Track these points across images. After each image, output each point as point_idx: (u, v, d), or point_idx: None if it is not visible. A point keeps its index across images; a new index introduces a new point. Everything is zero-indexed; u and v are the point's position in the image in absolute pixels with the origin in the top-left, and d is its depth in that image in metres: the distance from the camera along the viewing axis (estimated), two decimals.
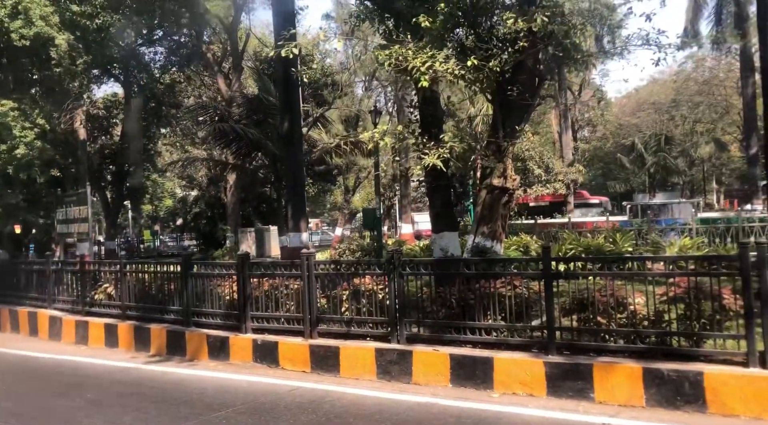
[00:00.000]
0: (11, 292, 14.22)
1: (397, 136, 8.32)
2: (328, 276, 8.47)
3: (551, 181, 34.73)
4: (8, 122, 12.88)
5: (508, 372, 6.58)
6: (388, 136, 8.14)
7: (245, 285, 9.14)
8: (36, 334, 12.75)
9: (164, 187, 46.72)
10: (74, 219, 13.55)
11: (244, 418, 6.28)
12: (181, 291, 10.10)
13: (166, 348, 9.95)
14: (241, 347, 8.92)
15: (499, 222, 8.33)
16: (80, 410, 6.98)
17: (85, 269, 12.18)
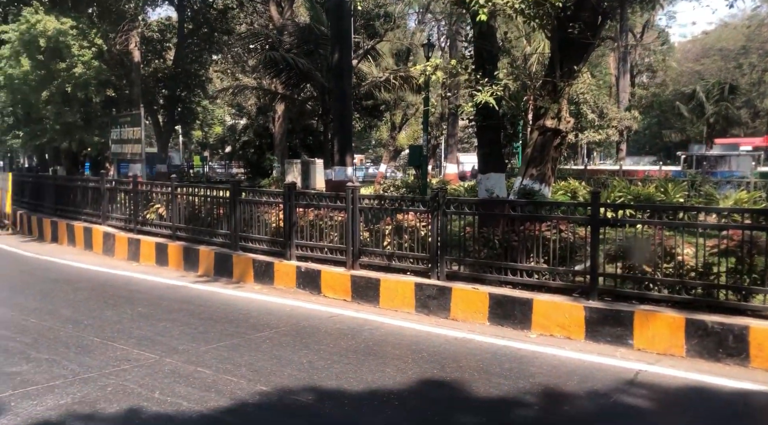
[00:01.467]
0: (68, 208, 14.82)
1: (450, 71, 8.13)
2: (372, 210, 8.53)
3: (604, 126, 33.78)
4: (67, 41, 13.08)
5: (547, 315, 6.61)
6: (440, 71, 7.98)
7: (291, 214, 9.30)
8: (91, 248, 13.33)
9: (214, 114, 47.23)
10: (128, 140, 13.87)
11: (287, 339, 6.51)
12: (229, 216, 10.35)
13: (214, 269, 10.29)
14: (285, 273, 9.16)
15: (549, 165, 8.18)
16: (131, 321, 7.34)
17: (138, 189, 12.55)
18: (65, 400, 4.75)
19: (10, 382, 5.15)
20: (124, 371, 5.46)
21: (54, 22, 12.86)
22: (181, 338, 6.58)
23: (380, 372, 5.39)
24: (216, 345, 6.28)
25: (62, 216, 14.99)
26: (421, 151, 17.82)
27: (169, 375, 5.36)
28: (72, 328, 6.96)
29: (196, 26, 29.48)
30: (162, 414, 4.52)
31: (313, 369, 5.49)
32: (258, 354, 5.99)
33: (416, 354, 5.93)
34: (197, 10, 29.63)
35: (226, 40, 32.34)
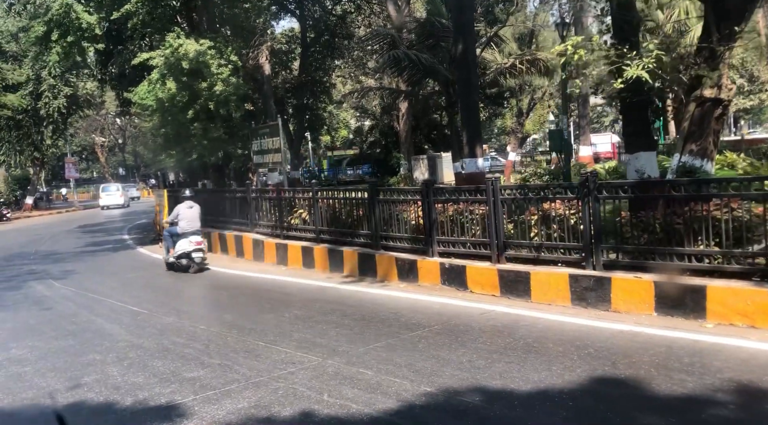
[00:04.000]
0: (219, 218, 15.77)
1: (591, 48, 7.65)
2: (515, 201, 8.26)
3: (755, 91, 30.85)
4: (207, 60, 13.92)
5: (724, 302, 6.03)
6: (581, 49, 7.54)
7: (431, 211, 9.23)
8: (242, 255, 14.10)
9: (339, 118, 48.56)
10: (268, 150, 14.52)
11: (441, 338, 6.44)
12: (369, 217, 10.49)
13: (358, 269, 10.48)
14: (429, 270, 9.11)
15: (710, 138, 7.47)
16: (289, 324, 7.61)
17: (282, 196, 13.08)
18: (242, 404, 4.97)
19: (191, 387, 5.48)
20: (291, 374, 5.63)
21: (194, 44, 13.74)
22: (339, 339, 6.71)
23: (546, 371, 5.16)
24: (373, 346, 6.33)
25: (213, 226, 15.98)
26: (562, 135, 17.12)
27: (333, 377, 5.46)
28: (237, 333, 7.33)
29: (318, 34, 30.40)
30: (334, 417, 4.59)
31: (475, 369, 5.36)
32: (415, 353, 5.96)
33: (582, 351, 5.62)
34: (318, 18, 30.55)
35: (347, 44, 33.11)
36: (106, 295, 10.66)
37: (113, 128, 72.75)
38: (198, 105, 14.72)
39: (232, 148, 15.63)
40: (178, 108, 14.79)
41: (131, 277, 12.82)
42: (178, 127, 15.10)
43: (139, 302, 9.78)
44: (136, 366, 6.31)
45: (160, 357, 6.53)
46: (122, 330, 8.03)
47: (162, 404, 5.16)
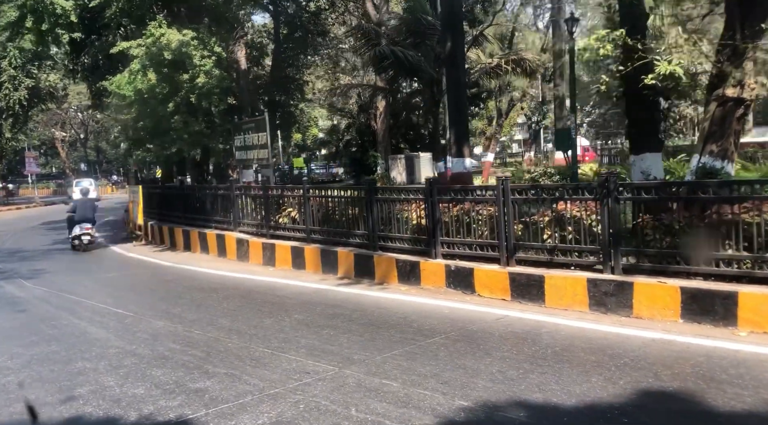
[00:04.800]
0: (199, 216, 15.17)
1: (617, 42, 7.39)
2: (527, 201, 7.97)
3: None
4: (190, 51, 13.33)
5: (757, 309, 5.82)
6: (609, 44, 7.28)
7: (434, 210, 8.90)
8: (224, 255, 13.54)
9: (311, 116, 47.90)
10: (253, 146, 13.99)
11: (461, 346, 6.09)
12: (366, 216, 10.10)
13: (354, 271, 10.07)
14: (433, 272, 8.77)
15: (731, 139, 7.30)
16: (292, 329, 7.17)
17: (269, 194, 12.58)
18: (262, 420, 4.54)
19: (200, 400, 5.02)
20: (308, 385, 5.22)
21: (176, 34, 13.13)
22: (351, 346, 6.30)
23: (587, 383, 4.85)
24: (390, 354, 5.95)
25: (192, 224, 15.38)
26: (569, 134, 16.94)
27: (356, 389, 5.06)
28: (237, 339, 6.86)
29: (291, 30, 29.83)
30: None
31: (509, 380, 5.03)
32: (438, 363, 5.61)
33: (617, 360, 5.33)
34: (291, 14, 29.96)
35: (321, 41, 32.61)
36: (85, 296, 10.05)
37: (75, 123, 70.67)
38: (179, 97, 14.11)
39: (213, 143, 15.02)
40: (158, 100, 14.15)
41: (109, 277, 12.18)
42: (157, 119, 14.44)
43: (122, 304, 9.20)
44: (133, 375, 5.81)
45: (158, 366, 6.04)
46: (110, 334, 7.48)
47: (171, 419, 4.70)
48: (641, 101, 9.13)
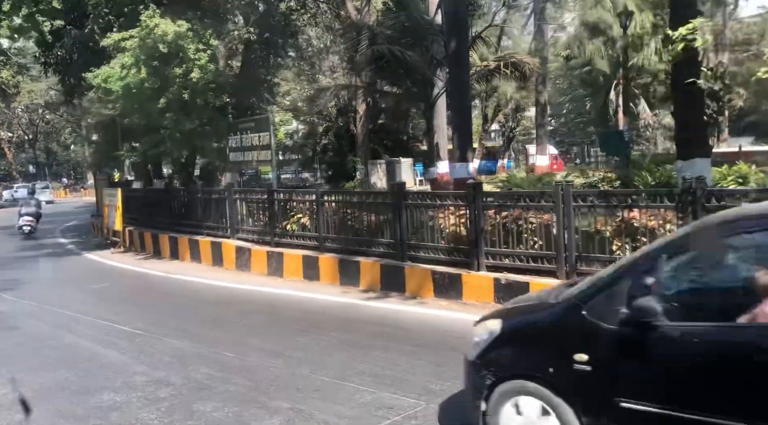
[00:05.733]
0: (188, 222, 14.08)
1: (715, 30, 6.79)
2: (593, 208, 7.30)
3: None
4: (186, 44, 12.31)
5: None
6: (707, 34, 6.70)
7: (478, 218, 8.16)
8: (220, 264, 12.51)
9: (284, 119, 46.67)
10: (252, 147, 13.03)
11: None
12: (393, 223, 9.30)
13: (381, 283, 9.25)
14: (478, 286, 8.02)
15: None
16: (340, 351, 6.33)
17: (274, 198, 11.64)
18: None
19: None
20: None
21: (171, 25, 12.11)
22: (417, 372, 5.51)
23: None
24: None
25: (180, 231, 14.27)
26: (621, 137, 16.31)
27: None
28: (283, 364, 5.98)
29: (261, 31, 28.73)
30: None
31: None
32: None
33: None
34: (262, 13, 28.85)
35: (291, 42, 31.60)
36: (79, 311, 8.96)
37: (22, 123, 67.50)
38: (170, 94, 13.04)
39: (206, 143, 13.97)
40: (147, 96, 13.05)
41: (98, 289, 11.05)
42: (145, 116, 13.34)
43: (126, 320, 8.16)
44: (179, 411, 4.88)
45: (203, 398, 5.13)
46: (126, 357, 6.50)
47: None
48: (692, 103, 8.62)
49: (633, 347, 3.27)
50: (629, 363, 3.30)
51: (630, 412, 3.23)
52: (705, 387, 3.09)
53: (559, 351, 3.51)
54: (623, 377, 3.31)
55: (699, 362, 3.13)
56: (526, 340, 3.79)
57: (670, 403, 3.13)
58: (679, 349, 3.18)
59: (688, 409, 3.07)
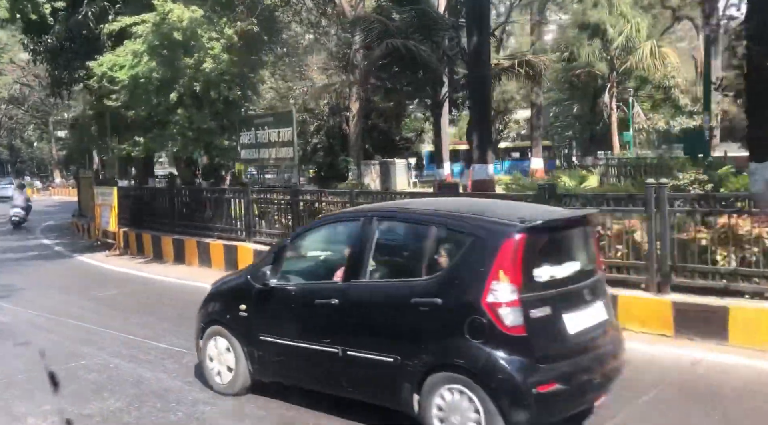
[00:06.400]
0: (194, 223, 13.08)
1: None
2: (692, 213, 6.62)
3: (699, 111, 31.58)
4: (202, 31, 11.34)
5: None
6: None
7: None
8: (235, 269, 11.55)
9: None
10: (271, 144, 12.09)
11: (696, 407, 4.64)
12: None
13: None
14: None
15: None
16: None
17: (299, 199, 10.76)
18: None
19: None
20: None
21: (186, 10, 11.13)
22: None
23: None
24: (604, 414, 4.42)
25: (184, 233, 13.27)
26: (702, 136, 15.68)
27: None
28: None
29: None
30: None
31: None
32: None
33: None
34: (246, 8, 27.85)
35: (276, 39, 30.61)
36: (93, 322, 7.98)
37: None
38: (180, 86, 12.04)
39: (218, 140, 12.98)
40: (155, 87, 12.04)
41: (109, 296, 10.01)
42: (152, 109, 12.30)
43: (157, 334, 7.23)
44: None
45: None
46: (180, 382, 5.58)
47: None
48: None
49: (263, 301, 5.03)
50: (263, 311, 5.05)
51: (265, 342, 4.97)
52: (310, 324, 4.79)
53: (232, 304, 5.22)
54: (261, 319, 5.04)
55: (303, 307, 4.84)
56: (219, 297, 5.51)
57: (285, 335, 4.87)
58: (286, 300, 4.95)
59: (295, 338, 4.81)
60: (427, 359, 4.09)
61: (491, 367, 3.86)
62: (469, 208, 4.82)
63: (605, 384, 4.27)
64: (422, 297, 4.17)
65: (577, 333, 4.15)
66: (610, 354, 4.37)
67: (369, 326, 4.46)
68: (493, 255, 4.01)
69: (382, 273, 4.62)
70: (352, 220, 5.00)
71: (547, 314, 4.03)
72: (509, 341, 3.88)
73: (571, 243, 4.64)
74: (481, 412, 3.84)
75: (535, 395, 3.81)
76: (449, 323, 4.05)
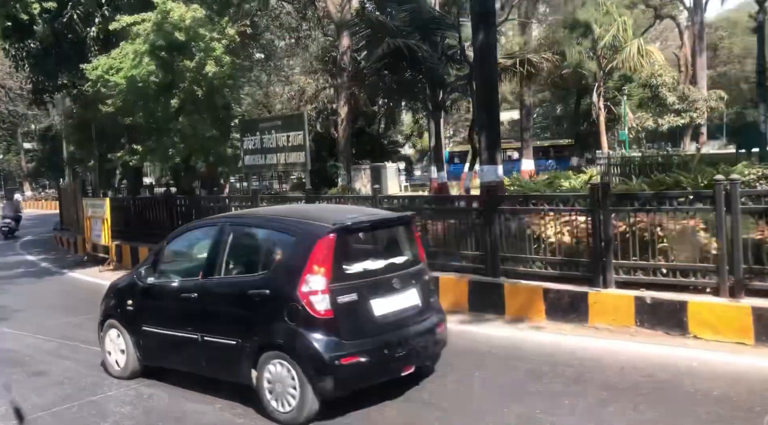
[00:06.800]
0: None
1: None
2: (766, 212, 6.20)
3: (686, 109, 31.61)
4: (205, 31, 10.67)
5: None
6: None
7: (606, 225, 6.96)
8: None
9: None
10: (278, 148, 11.46)
11: None
12: (482, 233, 8.06)
13: (469, 303, 7.96)
14: (612, 306, 6.81)
15: None
16: (504, 395, 5.00)
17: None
18: None
19: None
20: None
21: (185, 9, 10.47)
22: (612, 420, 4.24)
23: None
24: None
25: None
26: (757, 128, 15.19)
27: None
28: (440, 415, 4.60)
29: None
30: None
31: None
32: None
33: None
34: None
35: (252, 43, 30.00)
36: None
37: None
38: (181, 92, 11.35)
39: (222, 147, 12.28)
40: (153, 92, 11.35)
41: None
42: (150, 117, 11.59)
43: None
44: None
45: None
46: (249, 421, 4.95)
47: None
48: None
49: (143, 296, 5.89)
50: (144, 305, 5.90)
51: (147, 332, 5.78)
52: (178, 315, 5.56)
53: (122, 300, 6.09)
54: (142, 313, 5.87)
55: (173, 301, 5.62)
56: (113, 294, 6.32)
57: (163, 325, 5.67)
58: (161, 296, 5.78)
59: (167, 328, 5.64)
60: (259, 340, 4.93)
61: (303, 345, 4.70)
62: (299, 213, 6.02)
63: (413, 358, 5.13)
64: (255, 289, 5.03)
65: (383, 315, 4.98)
66: (419, 333, 5.18)
67: (219, 315, 5.31)
68: (309, 251, 4.83)
69: (232, 270, 5.42)
70: (212, 226, 5.90)
71: (354, 300, 4.85)
72: (319, 323, 4.71)
73: (384, 240, 5.61)
74: (296, 381, 4.69)
75: (339, 366, 4.66)
76: (274, 310, 4.88)
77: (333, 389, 4.70)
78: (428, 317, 5.34)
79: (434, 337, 5.32)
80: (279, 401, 4.78)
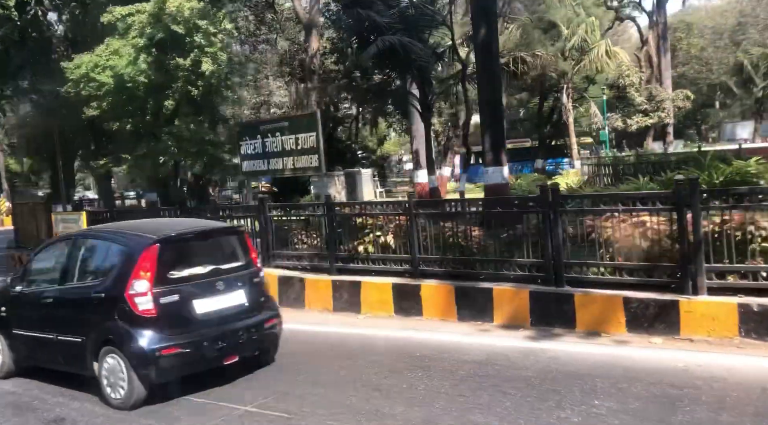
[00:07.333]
0: None
1: None
2: None
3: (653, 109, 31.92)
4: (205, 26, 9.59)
5: None
6: None
7: (696, 224, 6.30)
8: None
9: None
10: (286, 152, 10.44)
11: None
12: (542, 237, 7.30)
13: (531, 316, 7.18)
14: (709, 315, 6.15)
15: None
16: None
17: (335, 214, 9.24)
18: None
19: None
20: None
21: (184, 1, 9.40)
22: None
23: None
24: None
25: None
26: None
27: None
28: None
29: None
30: None
31: None
32: None
33: None
34: None
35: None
36: None
37: None
38: (175, 92, 10.25)
39: (220, 151, 11.19)
40: (142, 92, 10.21)
41: None
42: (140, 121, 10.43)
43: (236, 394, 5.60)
44: None
45: None
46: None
47: None
48: None
49: (13, 303, 6.72)
50: (13, 311, 6.74)
51: (17, 335, 6.60)
52: (39, 318, 6.42)
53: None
54: (13, 318, 6.70)
55: (36, 306, 6.45)
56: None
57: (29, 328, 6.49)
58: (26, 302, 6.57)
59: (32, 330, 6.46)
60: (98, 337, 5.67)
61: (128, 339, 5.46)
62: (138, 226, 6.78)
63: (235, 350, 5.84)
64: (96, 293, 5.81)
65: (205, 313, 5.74)
66: (244, 328, 5.94)
67: (69, 317, 6.09)
68: (135, 259, 5.61)
69: (82, 277, 6.16)
70: (67, 239, 6.88)
71: (176, 300, 5.61)
72: (143, 320, 5.47)
73: (215, 248, 6.36)
74: (124, 371, 5.43)
75: (159, 357, 5.42)
76: (108, 311, 5.65)
77: (156, 376, 5.48)
78: (255, 314, 6.13)
79: (262, 332, 6.12)
80: (113, 389, 5.52)
